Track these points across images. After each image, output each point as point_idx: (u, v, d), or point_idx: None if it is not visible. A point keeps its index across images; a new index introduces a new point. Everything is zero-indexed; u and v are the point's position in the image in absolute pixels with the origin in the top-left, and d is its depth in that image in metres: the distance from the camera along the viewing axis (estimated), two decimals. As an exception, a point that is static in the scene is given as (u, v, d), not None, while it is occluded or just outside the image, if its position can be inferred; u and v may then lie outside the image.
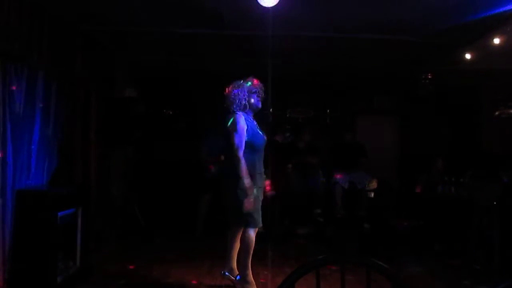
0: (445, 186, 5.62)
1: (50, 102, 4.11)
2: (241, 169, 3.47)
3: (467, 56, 5.30)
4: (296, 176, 6.56)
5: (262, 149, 3.73)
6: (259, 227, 3.68)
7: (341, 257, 1.39)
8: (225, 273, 3.84)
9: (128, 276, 4.19)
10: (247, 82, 3.72)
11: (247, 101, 3.68)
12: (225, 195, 3.69)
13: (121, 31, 4.94)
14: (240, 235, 3.77)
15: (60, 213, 3.61)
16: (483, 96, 7.45)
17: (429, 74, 6.57)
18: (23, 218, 3.49)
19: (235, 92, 3.68)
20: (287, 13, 3.91)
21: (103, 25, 4.74)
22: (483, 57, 5.24)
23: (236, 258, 3.87)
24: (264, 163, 3.77)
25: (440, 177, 5.87)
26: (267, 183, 3.88)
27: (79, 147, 4.77)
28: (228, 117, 3.67)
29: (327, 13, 4.19)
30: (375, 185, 6.85)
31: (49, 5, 3.94)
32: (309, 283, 1.55)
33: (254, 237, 3.67)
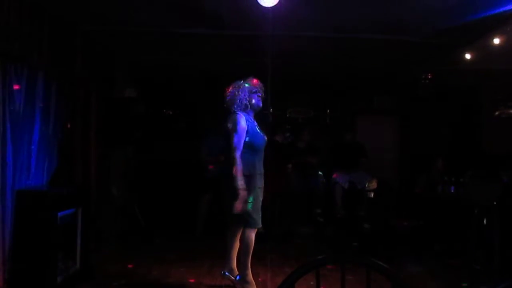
0: (445, 186, 5.62)
1: (50, 102, 4.11)
2: (236, 169, 3.48)
3: (467, 56, 5.30)
4: (296, 176, 6.56)
5: (262, 149, 3.74)
6: (258, 227, 3.68)
7: (341, 257, 1.39)
8: (225, 273, 3.84)
9: (128, 276, 4.19)
10: (248, 82, 3.72)
11: (248, 101, 3.68)
12: (225, 195, 3.69)
13: (121, 31, 4.94)
14: (239, 235, 3.77)
15: (60, 213, 3.61)
16: (483, 96, 7.45)
17: (429, 74, 6.57)
18: (23, 218, 3.49)
19: (236, 92, 3.68)
20: (287, 13, 3.91)
21: (103, 25, 4.74)
22: (483, 57, 5.24)
23: (236, 258, 3.87)
24: (264, 163, 3.77)
25: (440, 177, 5.87)
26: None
27: (79, 147, 4.77)
28: (229, 117, 3.67)
29: (327, 13, 4.19)
30: (375, 185, 6.84)
31: (49, 5, 3.94)
32: (309, 283, 1.55)
33: (253, 237, 3.67)
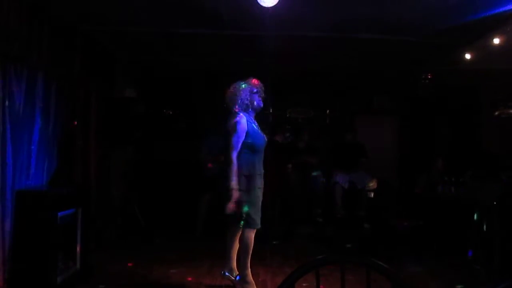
0: (445, 186, 5.62)
1: (50, 102, 4.11)
2: (231, 169, 3.49)
3: (467, 56, 5.30)
4: (296, 176, 6.56)
5: (262, 149, 3.74)
6: (257, 228, 3.68)
7: (341, 257, 1.39)
8: (225, 273, 3.84)
9: (128, 276, 4.19)
10: (249, 82, 3.72)
11: (249, 101, 3.69)
12: (224, 195, 3.69)
13: (121, 31, 4.94)
14: (239, 235, 3.77)
15: (60, 213, 3.61)
16: (483, 96, 7.44)
17: (429, 74, 6.56)
18: (23, 218, 3.49)
19: (237, 92, 3.68)
20: (287, 13, 3.91)
21: (103, 25, 4.74)
22: (483, 57, 5.24)
23: (236, 258, 3.87)
24: (264, 163, 3.77)
25: (440, 177, 5.87)
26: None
27: (79, 147, 4.77)
28: (230, 118, 3.67)
29: (327, 13, 4.19)
30: (375, 185, 6.85)
31: (49, 5, 3.94)
32: (309, 283, 1.55)
33: (253, 237, 3.67)
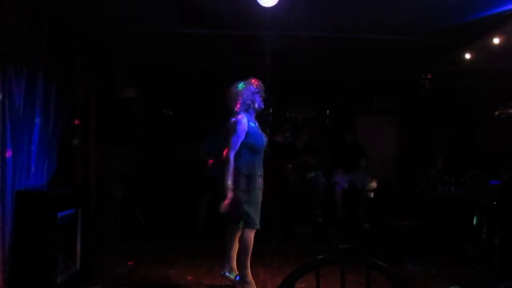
0: (445, 186, 5.62)
1: (50, 102, 4.11)
2: (227, 169, 3.50)
3: (467, 56, 5.29)
4: (296, 176, 6.56)
5: (262, 150, 3.74)
6: (257, 228, 3.68)
7: (341, 257, 1.39)
8: (225, 273, 3.85)
9: (128, 276, 4.20)
10: (250, 83, 3.73)
11: (251, 101, 3.69)
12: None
13: (121, 31, 4.93)
14: (238, 235, 3.77)
15: (60, 214, 3.62)
16: (483, 96, 7.44)
17: (429, 74, 6.56)
18: (23, 218, 3.49)
19: (239, 92, 3.69)
20: (287, 13, 3.91)
21: (103, 25, 4.74)
22: (483, 57, 5.23)
23: (235, 258, 3.87)
24: (264, 164, 3.77)
25: (440, 177, 5.87)
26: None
27: (79, 148, 4.77)
28: (231, 118, 3.67)
29: (327, 13, 4.19)
30: (375, 185, 6.85)
31: (49, 5, 3.93)
32: (309, 283, 1.55)
33: (252, 237, 3.67)
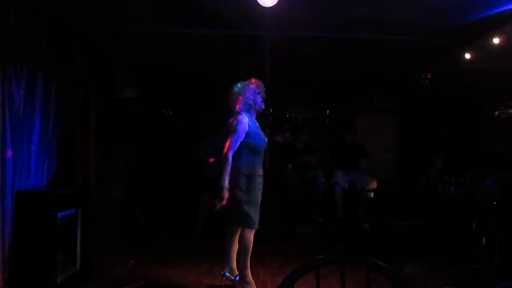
0: (445, 186, 5.62)
1: (50, 102, 4.11)
2: (225, 168, 3.50)
3: (467, 56, 5.29)
4: (296, 176, 6.56)
5: (262, 150, 3.74)
6: (256, 228, 3.68)
7: (341, 257, 1.39)
8: (225, 273, 3.84)
9: (128, 276, 4.19)
10: (251, 83, 3.73)
11: (253, 101, 3.69)
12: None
13: (121, 31, 4.94)
14: (238, 235, 3.77)
15: (60, 214, 3.61)
16: (483, 96, 7.44)
17: (429, 74, 6.56)
18: (23, 218, 3.49)
19: (241, 92, 3.69)
20: (286, 13, 3.91)
21: (103, 25, 4.74)
22: (483, 57, 5.24)
23: (235, 258, 3.87)
24: (264, 164, 3.78)
25: (440, 177, 5.87)
26: None
27: (79, 147, 4.77)
28: (232, 118, 3.67)
29: (326, 13, 4.19)
30: (375, 185, 6.84)
31: (49, 5, 3.94)
32: (309, 283, 1.55)
33: (252, 237, 3.67)
